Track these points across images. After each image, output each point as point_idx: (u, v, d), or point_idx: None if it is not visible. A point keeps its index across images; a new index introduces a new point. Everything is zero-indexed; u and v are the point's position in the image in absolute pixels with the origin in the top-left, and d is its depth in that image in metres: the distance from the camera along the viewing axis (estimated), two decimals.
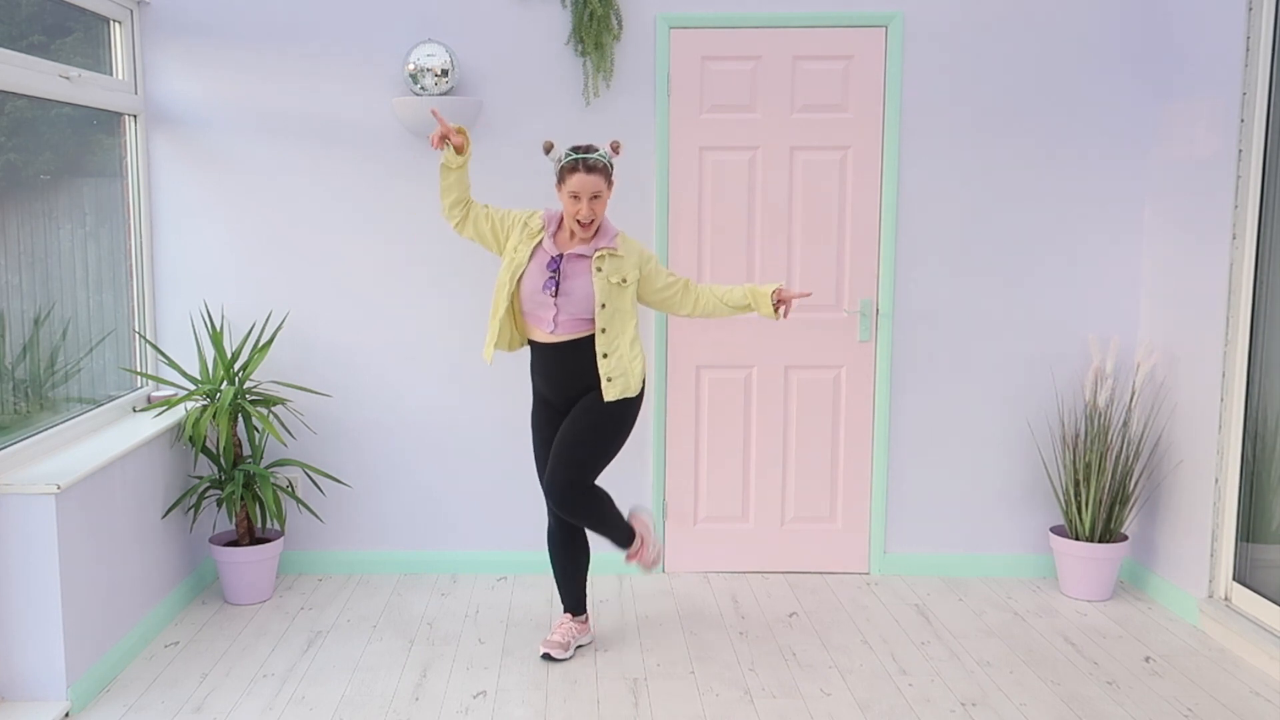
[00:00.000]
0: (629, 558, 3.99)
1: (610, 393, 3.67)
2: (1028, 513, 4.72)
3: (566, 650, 3.85)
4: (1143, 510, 4.59)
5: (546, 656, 3.82)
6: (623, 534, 3.90)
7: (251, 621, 4.20)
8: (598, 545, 4.02)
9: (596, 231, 3.70)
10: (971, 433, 4.68)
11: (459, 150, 3.66)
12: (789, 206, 4.57)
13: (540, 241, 3.70)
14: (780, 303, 3.71)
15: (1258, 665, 3.81)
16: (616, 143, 3.74)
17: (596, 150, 3.66)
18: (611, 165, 3.69)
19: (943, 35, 4.47)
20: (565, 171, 3.63)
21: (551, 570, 3.99)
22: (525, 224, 3.76)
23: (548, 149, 3.73)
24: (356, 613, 4.29)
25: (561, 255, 3.67)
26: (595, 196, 3.61)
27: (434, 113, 3.73)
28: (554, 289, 3.64)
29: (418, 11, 4.44)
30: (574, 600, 3.96)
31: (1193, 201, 4.24)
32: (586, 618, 4.01)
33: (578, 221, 3.64)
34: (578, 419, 3.72)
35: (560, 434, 3.74)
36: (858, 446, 4.69)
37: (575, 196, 3.61)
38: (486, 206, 3.81)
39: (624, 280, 3.68)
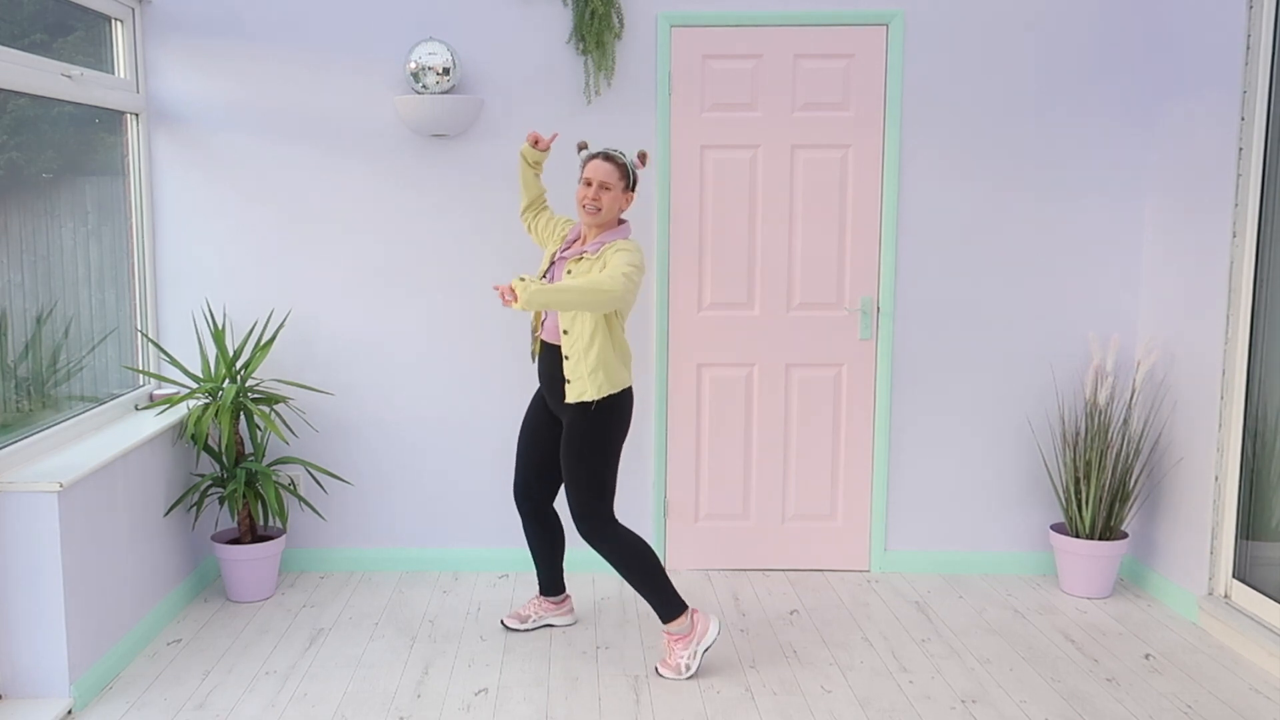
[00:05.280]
0: (672, 643, 3.71)
1: (570, 394, 3.64)
2: (1028, 510, 4.73)
3: (523, 623, 4.09)
4: (1143, 508, 4.59)
5: (502, 624, 4.09)
6: (663, 598, 3.69)
7: (253, 619, 4.21)
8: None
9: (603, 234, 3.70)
10: (972, 430, 4.68)
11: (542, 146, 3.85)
12: (790, 204, 4.57)
13: (561, 246, 3.83)
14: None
15: (1257, 662, 3.82)
16: (643, 153, 3.77)
17: (622, 153, 3.71)
18: (632, 170, 3.70)
19: (943, 34, 4.47)
20: (584, 162, 3.70)
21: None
22: (559, 232, 3.92)
23: (582, 147, 3.81)
24: (358, 610, 4.30)
25: (558, 257, 3.78)
26: (605, 187, 3.62)
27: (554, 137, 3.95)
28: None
29: (419, 10, 4.45)
30: (546, 582, 4.10)
31: (1193, 200, 4.25)
32: (565, 598, 4.15)
33: (583, 208, 3.65)
34: (564, 442, 3.73)
35: (562, 462, 3.76)
36: (858, 444, 4.70)
37: (587, 182, 3.64)
38: (547, 210, 4.03)
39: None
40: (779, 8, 4.44)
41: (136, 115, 4.43)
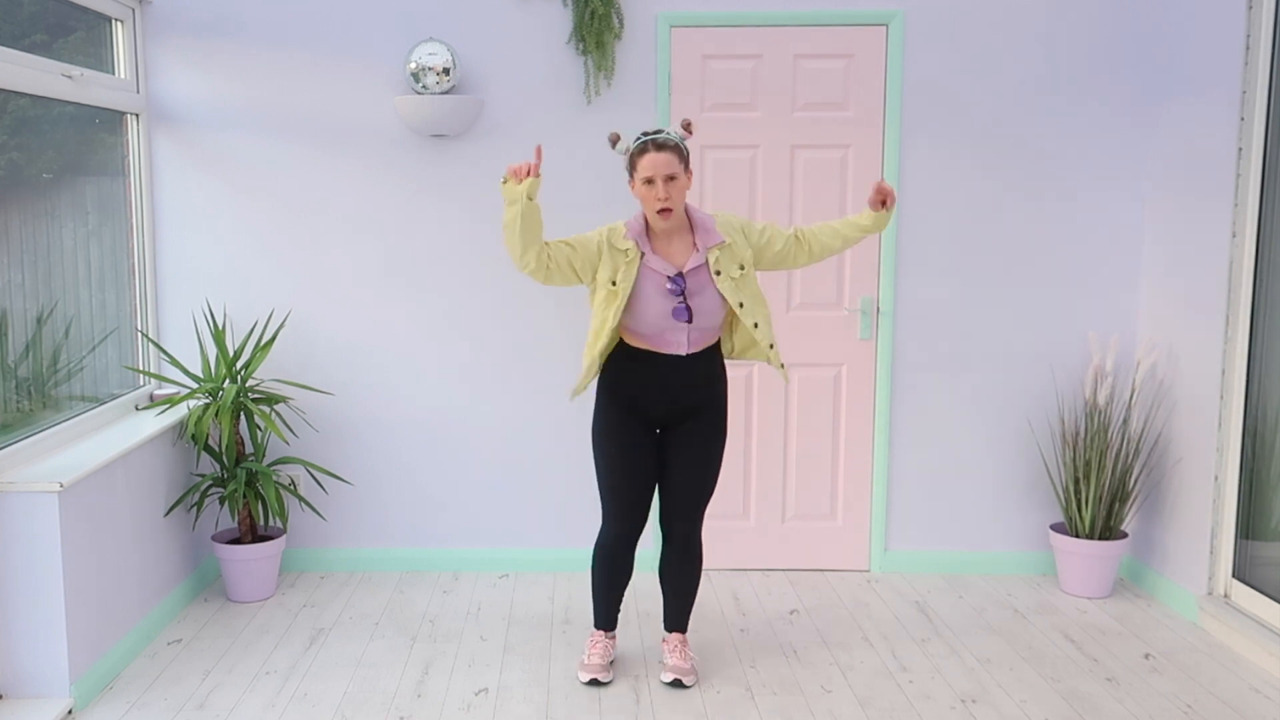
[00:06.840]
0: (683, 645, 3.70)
1: (776, 360, 3.54)
2: (1028, 510, 4.73)
3: (610, 671, 3.68)
4: (1142, 507, 4.59)
5: (594, 682, 3.61)
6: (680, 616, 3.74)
7: (254, 619, 4.21)
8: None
9: (693, 228, 3.39)
10: (972, 430, 4.68)
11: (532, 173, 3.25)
12: (790, 205, 4.57)
13: (642, 259, 3.37)
14: (883, 203, 3.42)
15: (1257, 662, 3.82)
16: (687, 121, 3.37)
17: (664, 131, 3.33)
18: (685, 146, 3.34)
19: (943, 34, 4.47)
20: (635, 156, 3.31)
21: (593, 587, 3.68)
22: (610, 245, 3.37)
23: (614, 140, 3.40)
24: (358, 610, 4.30)
25: (682, 274, 3.35)
26: (671, 178, 3.26)
27: (538, 150, 3.31)
28: (687, 316, 3.35)
29: (419, 10, 4.45)
30: (613, 617, 3.74)
31: (1192, 199, 4.25)
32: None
33: (658, 212, 3.29)
34: (699, 454, 3.50)
35: (683, 475, 3.52)
36: (858, 444, 4.70)
37: (649, 181, 3.27)
38: (556, 243, 3.39)
39: (742, 267, 3.39)
40: (779, 8, 4.44)
41: (136, 115, 4.43)
